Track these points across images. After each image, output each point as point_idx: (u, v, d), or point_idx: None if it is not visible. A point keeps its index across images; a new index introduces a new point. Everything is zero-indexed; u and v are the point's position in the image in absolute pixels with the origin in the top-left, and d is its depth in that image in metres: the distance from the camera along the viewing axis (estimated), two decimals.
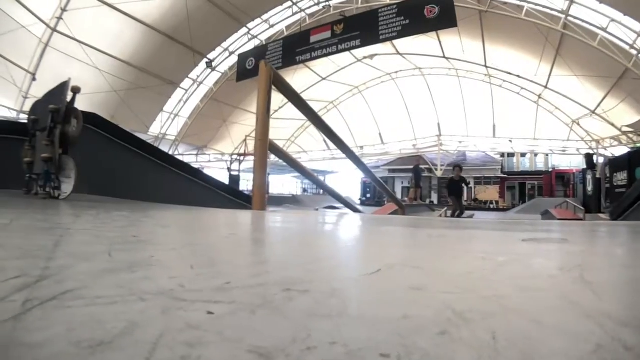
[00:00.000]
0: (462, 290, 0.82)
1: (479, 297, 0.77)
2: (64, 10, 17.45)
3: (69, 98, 3.58)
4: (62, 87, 3.61)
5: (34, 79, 18.56)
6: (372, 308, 0.70)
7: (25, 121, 4.44)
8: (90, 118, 4.56)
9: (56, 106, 3.46)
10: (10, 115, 19.49)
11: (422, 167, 21.84)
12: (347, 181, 38.34)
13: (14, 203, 2.65)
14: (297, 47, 17.06)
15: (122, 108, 20.71)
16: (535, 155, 33.44)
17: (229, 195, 7.62)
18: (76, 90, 3.53)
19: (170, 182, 6.44)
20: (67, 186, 3.39)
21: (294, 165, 5.06)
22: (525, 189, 33.51)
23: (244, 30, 23.02)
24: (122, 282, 0.77)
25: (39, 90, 18.73)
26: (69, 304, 0.61)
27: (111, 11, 18.28)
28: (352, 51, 19.23)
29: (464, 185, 11.83)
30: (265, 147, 3.82)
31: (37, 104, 4.38)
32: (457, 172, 11.55)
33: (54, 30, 18.00)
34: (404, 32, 14.56)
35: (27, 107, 19.47)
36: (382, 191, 7.91)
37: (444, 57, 24.70)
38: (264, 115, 3.86)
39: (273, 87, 4.25)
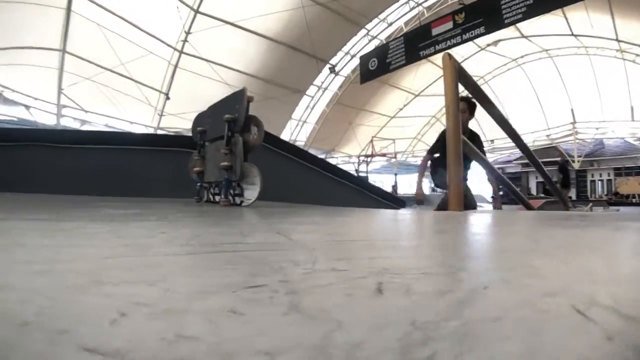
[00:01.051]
0: None
1: None
2: (188, 32, 18.58)
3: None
4: (237, 97, 3.65)
5: (167, 98, 20.03)
6: None
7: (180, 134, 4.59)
8: None
9: (232, 115, 3.50)
10: (147, 131, 21.28)
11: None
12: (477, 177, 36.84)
13: (209, 213, 2.62)
14: (419, 42, 16.62)
15: None
16: None
17: (378, 197, 7.56)
18: (250, 100, 3.56)
19: (323, 184, 6.46)
20: (251, 193, 3.40)
21: (482, 161, 4.81)
22: None
23: (363, 32, 23.00)
24: None
25: (173, 107, 20.35)
26: None
27: (234, 29, 19.10)
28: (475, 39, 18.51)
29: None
30: (458, 142, 3.59)
31: (202, 116, 4.52)
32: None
33: (181, 52, 19.23)
34: (529, 13, 13.58)
35: (163, 124, 21.26)
36: (551, 189, 7.33)
37: (572, 34, 22.99)
38: (454, 111, 3.61)
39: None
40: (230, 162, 3.46)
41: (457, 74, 3.75)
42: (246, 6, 18.34)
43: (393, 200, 7.97)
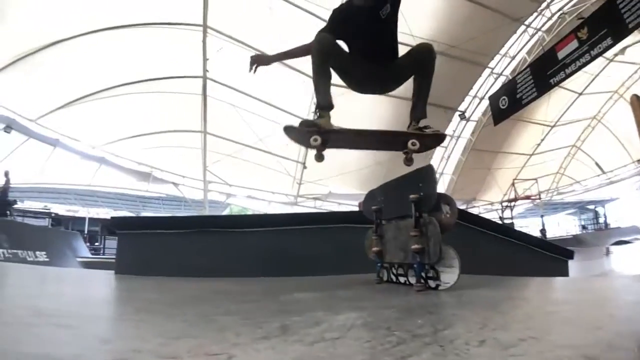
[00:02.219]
0: None
1: None
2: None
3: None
4: (421, 175, 3.53)
5: (304, 167, 20.91)
6: None
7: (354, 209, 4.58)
8: None
9: (417, 195, 3.38)
10: (288, 199, 22.24)
11: None
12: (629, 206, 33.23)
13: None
14: (546, 69, 15.66)
15: (388, 178, 20.97)
16: None
17: (541, 249, 7.05)
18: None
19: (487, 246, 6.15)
20: (450, 276, 3.23)
21: None
22: None
23: (486, 71, 22.47)
24: None
25: (310, 175, 21.22)
26: None
27: (358, 94, 19.53)
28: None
29: None
30: None
31: (374, 194, 4.48)
32: None
33: None
34: None
35: (302, 191, 22.17)
36: None
37: None
38: None
39: None
40: (421, 245, 3.31)
41: None
42: None
43: (561, 252, 7.37)
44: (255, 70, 3.91)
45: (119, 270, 5.70)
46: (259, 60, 3.97)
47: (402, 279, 3.89)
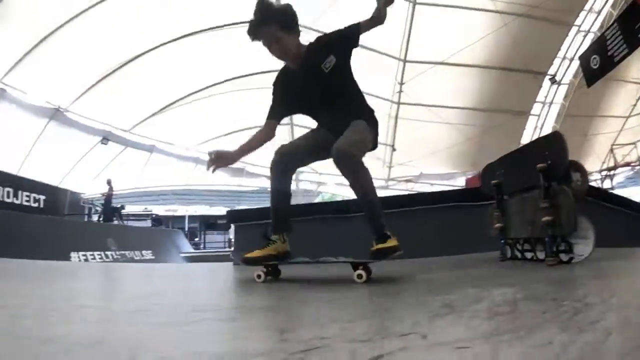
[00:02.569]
0: None
1: None
2: (401, 84, 19.11)
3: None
4: (546, 143, 3.46)
5: (393, 150, 20.72)
6: None
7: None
8: None
9: (545, 164, 3.28)
10: (378, 184, 22.41)
11: None
12: None
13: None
14: (634, 22, 14.51)
15: (480, 154, 20.25)
16: None
17: None
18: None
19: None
20: (584, 248, 3.15)
21: None
22: None
23: (573, 30, 21.13)
24: None
25: (400, 157, 21.03)
26: None
27: (443, 68, 19.14)
28: None
29: None
30: None
31: (492, 168, 4.38)
32: None
33: (399, 103, 19.86)
34: None
35: (393, 174, 22.00)
36: None
37: None
38: None
39: None
40: (552, 216, 3.21)
41: None
42: (449, 42, 18.28)
43: None
44: (214, 170, 3.29)
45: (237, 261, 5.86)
46: (221, 161, 3.30)
47: (528, 255, 3.80)
